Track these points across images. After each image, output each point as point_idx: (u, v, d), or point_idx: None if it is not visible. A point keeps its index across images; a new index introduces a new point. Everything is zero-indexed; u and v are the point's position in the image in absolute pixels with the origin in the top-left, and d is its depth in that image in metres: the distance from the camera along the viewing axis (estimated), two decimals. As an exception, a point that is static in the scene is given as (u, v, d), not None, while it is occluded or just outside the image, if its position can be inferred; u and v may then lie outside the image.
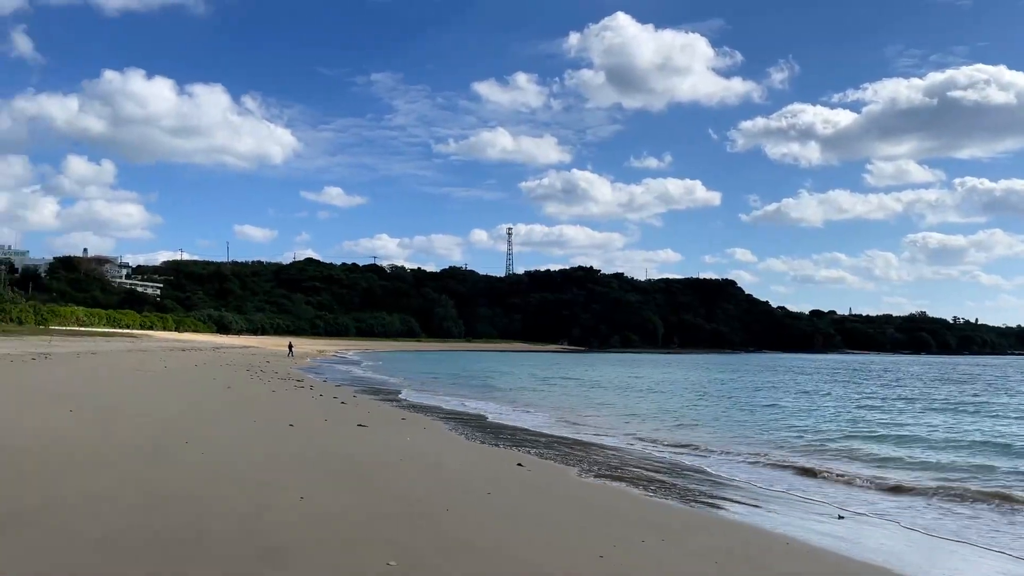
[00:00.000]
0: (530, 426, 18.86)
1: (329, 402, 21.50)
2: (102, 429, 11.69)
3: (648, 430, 18.71)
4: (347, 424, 15.44)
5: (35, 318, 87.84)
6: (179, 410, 15.52)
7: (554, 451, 14.15)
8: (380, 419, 17.30)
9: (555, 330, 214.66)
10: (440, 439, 14.79)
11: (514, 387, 37.33)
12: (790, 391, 37.41)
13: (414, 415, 19.51)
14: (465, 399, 27.91)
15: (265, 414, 16.27)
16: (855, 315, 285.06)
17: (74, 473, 8.43)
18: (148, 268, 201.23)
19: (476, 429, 17.29)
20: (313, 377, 36.50)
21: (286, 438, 12.57)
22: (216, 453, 10.28)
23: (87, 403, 15.19)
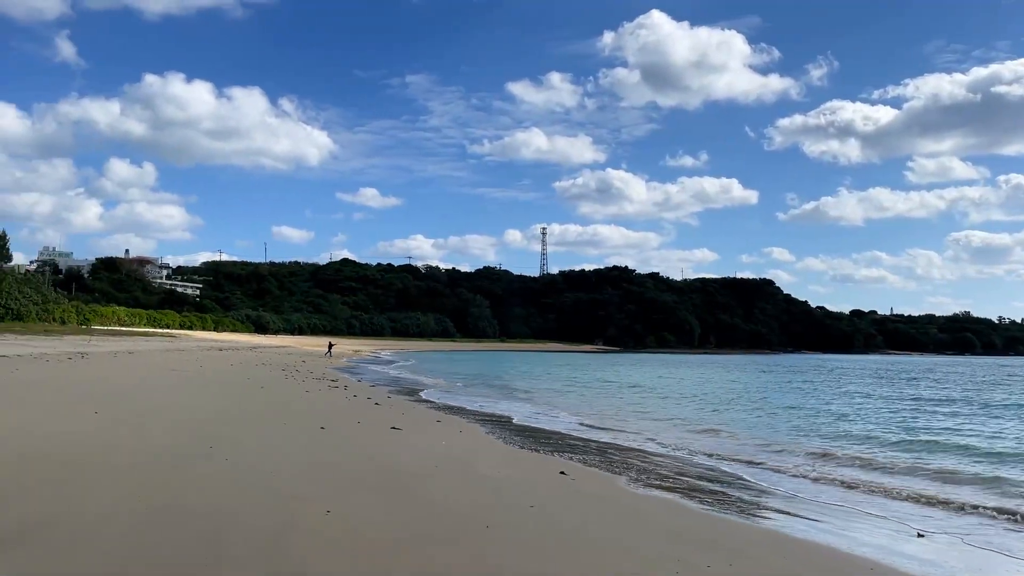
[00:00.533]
0: (568, 430, 18.07)
1: (363, 403, 20.96)
2: (125, 433, 11.21)
3: (690, 435, 17.80)
4: (380, 427, 14.82)
5: (78, 318, 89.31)
6: (208, 412, 15.05)
7: (596, 457, 13.35)
8: (414, 422, 16.67)
9: (590, 330, 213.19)
10: (477, 443, 14.09)
11: (549, 388, 36.52)
12: (836, 394, 36.00)
13: (449, 417, 18.85)
14: (500, 400, 27.22)
15: (297, 416, 15.73)
16: (897, 315, 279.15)
17: (88, 483, 7.88)
18: (188, 269, 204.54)
19: (513, 433, 16.55)
20: (348, 377, 36.13)
21: (317, 442, 11.98)
22: (242, 460, 9.69)
23: (114, 405, 14.79)
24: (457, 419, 18.61)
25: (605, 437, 16.82)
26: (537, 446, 14.31)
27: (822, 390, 39.22)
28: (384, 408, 19.83)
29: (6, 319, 73.55)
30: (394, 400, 23.59)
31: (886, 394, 36.05)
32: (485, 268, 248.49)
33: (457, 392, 30.83)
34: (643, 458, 13.52)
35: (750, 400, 30.81)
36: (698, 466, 13.04)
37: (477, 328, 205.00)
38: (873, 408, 27.53)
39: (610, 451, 14.38)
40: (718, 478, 11.83)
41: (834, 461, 14.27)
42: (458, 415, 19.89)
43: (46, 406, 13.92)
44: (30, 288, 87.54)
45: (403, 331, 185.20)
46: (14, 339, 46.42)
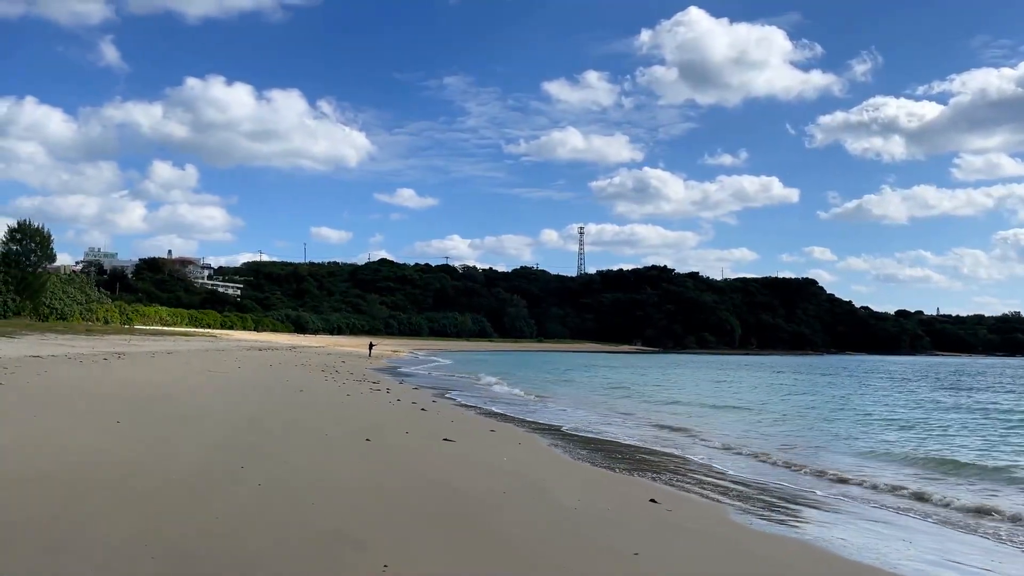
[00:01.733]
0: (634, 440, 16.27)
1: (407, 408, 19.45)
2: (145, 448, 9.75)
3: (770, 447, 15.90)
4: (431, 438, 13.23)
5: (121, 318, 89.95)
6: (243, 420, 13.60)
7: (680, 477, 11.60)
8: (466, 431, 15.06)
9: (628, 330, 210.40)
10: (541, 459, 12.41)
11: (598, 391, 34.69)
12: (903, 400, 33.48)
13: (502, 425, 17.20)
14: (550, 404, 25.52)
15: (338, 424, 14.23)
16: (944, 315, 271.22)
17: (89, 516, 6.38)
18: (229, 269, 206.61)
19: (577, 444, 14.83)
20: (389, 379, 34.76)
21: (363, 458, 10.41)
22: (277, 483, 8.14)
23: (141, 412, 13.42)
24: (511, 428, 16.94)
25: (676, 449, 15.02)
26: (609, 462, 12.57)
27: (892, 396, 36.63)
28: (431, 414, 18.27)
29: (50, 318, 74.08)
30: (440, 405, 22.03)
31: (957, 402, 33.38)
32: (522, 268, 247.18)
33: (506, 397, 29.12)
34: (736, 482, 11.68)
35: (821, 408, 28.52)
36: (802, 490, 11.18)
37: (514, 328, 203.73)
38: (951, 417, 25.03)
39: (690, 469, 12.59)
40: (827, 505, 9.99)
41: (953, 485, 12.27)
42: (512, 423, 18.23)
43: (65, 414, 12.59)
44: (74, 288, 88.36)
45: (441, 331, 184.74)
46: (54, 339, 46.07)
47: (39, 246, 78.68)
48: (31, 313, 72.07)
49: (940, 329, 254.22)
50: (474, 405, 23.52)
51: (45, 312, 74.94)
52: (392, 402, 21.15)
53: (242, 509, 6.94)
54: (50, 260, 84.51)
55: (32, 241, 77.95)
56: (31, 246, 77.77)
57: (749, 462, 13.80)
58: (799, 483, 11.79)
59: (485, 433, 15.06)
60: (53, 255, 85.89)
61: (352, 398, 21.60)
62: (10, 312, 68.86)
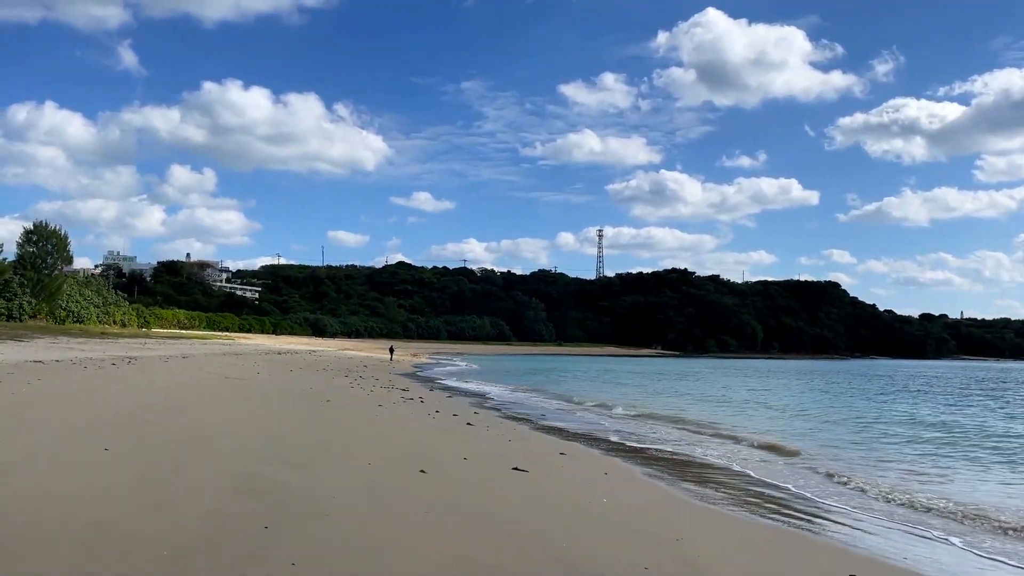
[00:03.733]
0: (738, 465, 13.50)
1: (450, 423, 16.86)
2: (132, 495, 7.14)
3: (877, 478, 13.10)
4: (497, 466, 10.61)
5: (138, 321, 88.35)
6: (264, 443, 10.99)
7: (838, 528, 8.91)
8: (533, 455, 12.40)
9: (648, 334, 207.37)
10: (652, 499, 9.69)
11: (646, 399, 31.84)
12: (967, 412, 30.41)
13: (570, 446, 14.50)
14: (606, 416, 22.78)
15: (379, 446, 11.64)
16: (969, 319, 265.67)
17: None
18: (247, 272, 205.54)
19: (674, 472, 12.10)
20: (418, 386, 32.21)
21: (427, 507, 7.78)
22: (316, 563, 5.52)
23: (139, 433, 10.84)
24: (583, 449, 14.21)
25: (790, 481, 12.25)
26: (736, 502, 9.82)
27: (953, 407, 33.52)
28: (480, 431, 15.66)
29: (67, 321, 72.41)
30: (484, 417, 19.40)
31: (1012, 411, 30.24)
32: (540, 271, 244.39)
33: (552, 407, 26.26)
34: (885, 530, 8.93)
35: (882, 420, 25.51)
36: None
37: (533, 331, 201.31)
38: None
39: (824, 512, 9.87)
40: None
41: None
42: (578, 441, 15.49)
43: (44, 436, 10.05)
44: (91, 291, 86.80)
45: (459, 334, 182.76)
46: (66, 342, 43.98)
47: (55, 248, 77.08)
48: (47, 316, 70.41)
49: (966, 333, 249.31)
50: (523, 417, 20.84)
51: (61, 315, 73.28)
52: (431, 414, 18.57)
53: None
54: (67, 262, 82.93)
55: (48, 243, 76.36)
56: (47, 248, 76.18)
57: (860, 496, 11.01)
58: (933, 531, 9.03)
59: (556, 457, 12.38)
60: (70, 257, 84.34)
61: (385, 409, 19.05)
62: (26, 315, 67.16)
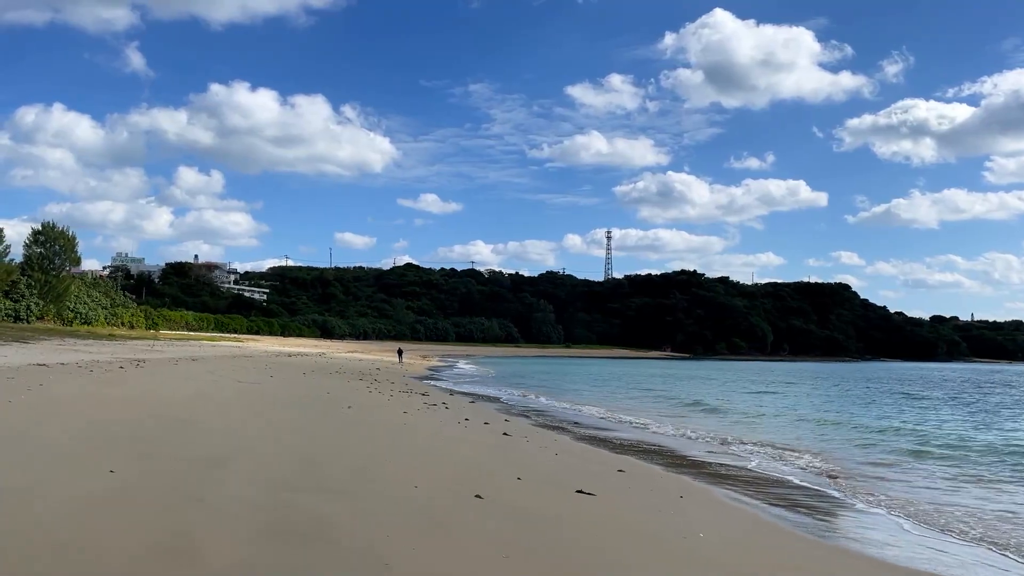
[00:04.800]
0: (810, 481, 12.15)
1: (484, 433, 15.56)
2: (142, 524, 5.85)
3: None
4: (557, 487, 9.30)
5: (146, 322, 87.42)
6: (291, 462, 9.62)
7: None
8: (590, 473, 11.08)
9: (657, 336, 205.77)
10: (742, 526, 8.36)
11: (686, 404, 30.41)
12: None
13: (623, 460, 13.13)
14: (652, 427, 21.35)
15: (421, 464, 10.33)
16: (980, 321, 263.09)
17: None
18: (255, 274, 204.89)
19: (744, 489, 10.79)
20: (438, 390, 30.92)
21: (490, 538, 6.47)
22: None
23: (149, 450, 9.52)
24: (642, 465, 12.76)
25: (874, 504, 10.89)
26: (838, 532, 8.52)
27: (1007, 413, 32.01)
28: (520, 442, 14.34)
29: (74, 323, 71.46)
30: (518, 425, 18.09)
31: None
32: (548, 273, 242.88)
33: (586, 414, 24.75)
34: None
35: (940, 431, 24.13)
36: None
37: (541, 333, 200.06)
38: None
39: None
40: None
41: None
42: (632, 454, 14.07)
43: (38, 456, 8.71)
44: (99, 292, 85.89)
45: (467, 336, 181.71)
46: (73, 344, 42.87)
47: (63, 249, 76.12)
48: (55, 317, 69.47)
49: (977, 335, 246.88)
50: (557, 425, 19.48)
51: (69, 316, 72.34)
52: (460, 423, 17.27)
53: None
54: (75, 263, 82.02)
55: (56, 244, 75.41)
56: (55, 249, 75.23)
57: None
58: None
59: (615, 476, 11.04)
60: (78, 258, 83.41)
61: (411, 417, 17.76)
62: (33, 316, 66.22)
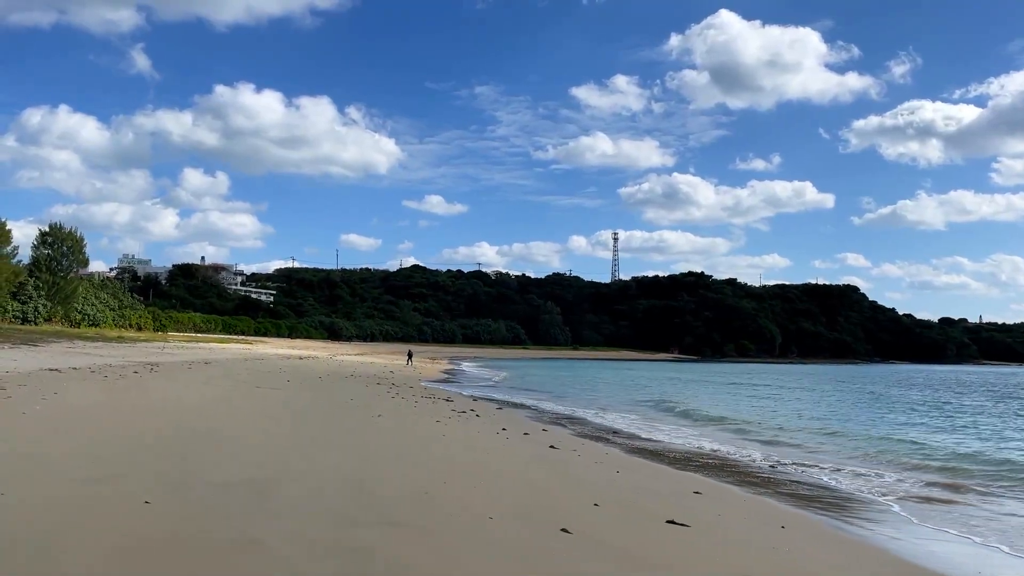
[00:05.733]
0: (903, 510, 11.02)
1: (529, 445, 14.50)
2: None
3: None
4: (644, 517, 8.24)
5: (154, 324, 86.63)
6: (341, 486, 8.49)
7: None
8: (661, 494, 10.01)
9: (665, 338, 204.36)
10: (870, 567, 7.26)
11: (711, 417, 29.24)
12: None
13: (691, 477, 12.00)
14: (690, 432, 20.27)
15: (484, 488, 9.24)
16: (989, 323, 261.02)
17: None
18: (261, 276, 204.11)
19: (839, 514, 9.69)
20: (462, 396, 29.86)
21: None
22: None
23: (183, 472, 8.46)
24: (715, 484, 11.58)
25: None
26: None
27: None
28: (571, 456, 13.26)
29: (82, 324, 70.69)
30: (560, 436, 17.00)
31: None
32: (555, 274, 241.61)
33: (626, 423, 23.47)
34: None
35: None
36: None
37: (548, 335, 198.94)
38: None
39: None
40: None
41: None
42: (695, 470, 12.95)
43: (62, 481, 7.67)
44: (107, 294, 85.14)
45: (474, 338, 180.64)
46: (82, 347, 41.95)
47: (71, 250, 75.36)
48: (62, 319, 68.68)
49: (987, 337, 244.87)
50: (599, 435, 18.38)
51: (77, 318, 71.56)
52: (498, 433, 16.21)
53: None
54: (83, 265, 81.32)
55: (64, 245, 74.66)
56: (63, 250, 74.47)
57: None
58: None
59: (692, 498, 9.93)
60: (86, 260, 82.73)
61: (446, 427, 16.71)
62: (40, 318, 65.43)
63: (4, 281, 62.14)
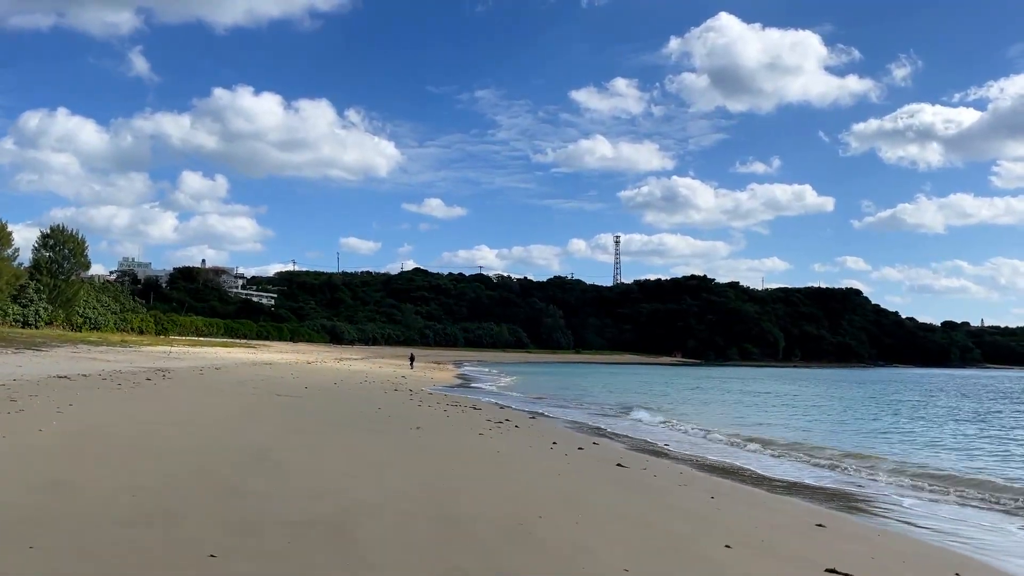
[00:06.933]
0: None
1: (590, 462, 13.18)
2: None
3: None
4: (788, 563, 6.93)
5: (156, 327, 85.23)
6: (417, 516, 7.31)
7: None
8: (781, 525, 8.69)
9: (668, 341, 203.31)
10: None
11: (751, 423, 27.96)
12: None
13: (796, 504, 10.70)
14: (756, 449, 18.93)
15: (574, 517, 7.92)
16: (992, 327, 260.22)
17: None
18: (262, 279, 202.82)
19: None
20: (488, 404, 28.53)
21: None
22: None
23: (244, 507, 7.09)
24: (840, 515, 10.20)
25: None
26: None
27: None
28: (647, 478, 11.94)
29: (84, 328, 69.31)
30: (614, 450, 15.69)
31: None
32: (556, 277, 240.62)
33: (678, 434, 22.15)
34: None
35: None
36: None
37: (551, 339, 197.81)
38: None
39: None
40: None
41: None
42: (796, 495, 11.61)
43: (101, 523, 6.35)
44: (108, 297, 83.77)
45: (476, 341, 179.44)
46: (87, 351, 40.59)
47: (72, 253, 74.02)
48: (64, 323, 67.29)
49: (990, 341, 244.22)
50: (657, 450, 17.06)
51: (78, 322, 70.17)
52: (552, 448, 14.89)
53: None
54: (84, 268, 79.95)
55: (65, 248, 73.32)
56: (64, 253, 73.11)
57: None
58: None
59: (817, 532, 8.60)
60: (88, 262, 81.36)
61: (490, 440, 15.39)
62: (42, 322, 64.05)
63: (5, 284, 60.78)
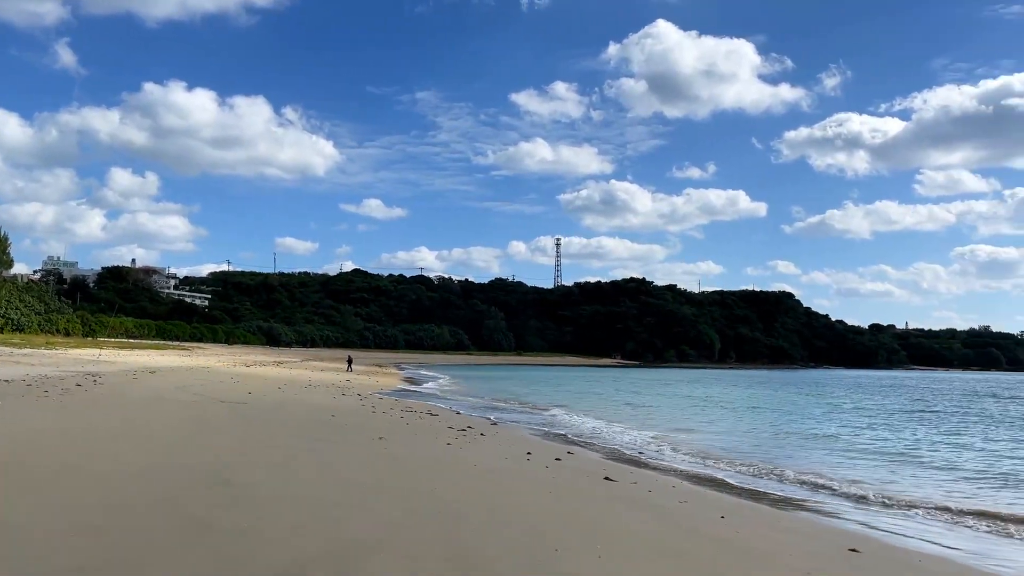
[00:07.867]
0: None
1: (576, 476, 12.39)
2: None
3: None
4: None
5: (83, 329, 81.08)
6: (432, 561, 6.33)
7: None
8: (809, 551, 8.02)
9: (607, 343, 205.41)
10: None
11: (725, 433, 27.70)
12: None
13: (818, 523, 10.10)
14: (719, 455, 18.46)
15: (589, 545, 7.08)
16: (917, 330, 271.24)
17: None
18: (195, 279, 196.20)
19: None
20: (444, 410, 27.50)
21: None
22: None
23: (229, 547, 5.96)
24: (878, 540, 9.42)
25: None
26: None
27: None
28: (642, 493, 11.19)
29: (5, 330, 65.29)
30: (591, 460, 14.94)
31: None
32: (497, 280, 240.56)
33: (657, 445, 21.66)
34: None
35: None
36: None
37: (492, 341, 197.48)
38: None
39: None
40: None
41: None
42: (793, 509, 11.02)
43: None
44: (32, 297, 79.28)
45: (417, 343, 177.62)
46: (9, 354, 37.86)
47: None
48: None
49: (915, 343, 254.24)
50: (634, 459, 16.36)
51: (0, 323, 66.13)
52: (528, 459, 14.03)
53: None
54: (7, 266, 75.68)
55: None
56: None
57: None
58: None
59: (856, 559, 8.00)
60: (10, 261, 77.07)
61: (461, 450, 14.45)
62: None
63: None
